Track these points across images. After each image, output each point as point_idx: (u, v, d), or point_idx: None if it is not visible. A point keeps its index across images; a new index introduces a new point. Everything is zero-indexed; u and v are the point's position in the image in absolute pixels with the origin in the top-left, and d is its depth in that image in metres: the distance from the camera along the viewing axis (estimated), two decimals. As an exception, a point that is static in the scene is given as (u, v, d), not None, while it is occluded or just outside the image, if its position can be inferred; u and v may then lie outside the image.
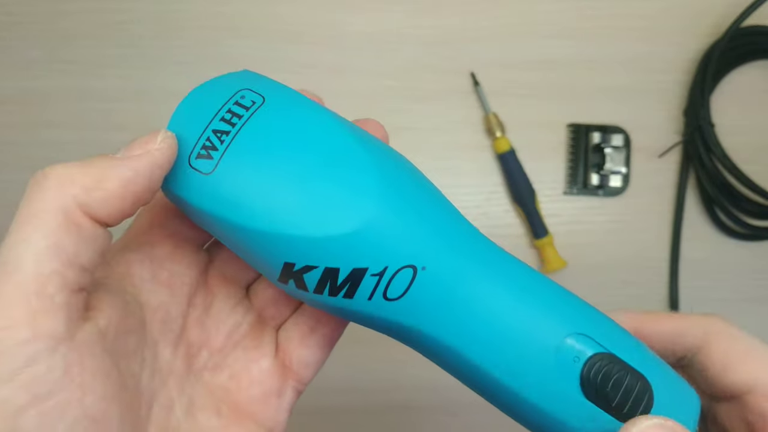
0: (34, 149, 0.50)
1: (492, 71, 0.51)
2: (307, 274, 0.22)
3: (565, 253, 0.50)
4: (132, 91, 0.51)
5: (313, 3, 0.52)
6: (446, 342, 0.23)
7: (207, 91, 0.23)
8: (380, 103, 0.51)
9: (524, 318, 0.22)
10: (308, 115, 0.23)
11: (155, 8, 0.51)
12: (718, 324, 0.25)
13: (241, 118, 0.22)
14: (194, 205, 0.22)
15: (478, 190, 0.51)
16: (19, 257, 0.18)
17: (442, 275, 0.22)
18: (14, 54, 0.51)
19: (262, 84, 0.23)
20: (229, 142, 0.21)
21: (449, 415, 0.48)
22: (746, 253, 0.51)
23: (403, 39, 0.51)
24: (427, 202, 0.22)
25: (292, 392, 0.26)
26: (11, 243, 0.18)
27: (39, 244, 0.18)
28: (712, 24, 0.51)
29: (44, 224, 0.18)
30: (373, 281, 0.21)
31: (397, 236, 0.21)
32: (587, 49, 0.52)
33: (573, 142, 0.51)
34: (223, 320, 0.26)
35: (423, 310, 0.22)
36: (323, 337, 0.26)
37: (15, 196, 0.20)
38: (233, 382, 0.25)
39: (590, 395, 0.22)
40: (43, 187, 0.19)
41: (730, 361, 0.24)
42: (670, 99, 0.52)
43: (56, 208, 0.18)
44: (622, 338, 0.23)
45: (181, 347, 0.24)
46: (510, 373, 0.22)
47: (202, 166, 0.21)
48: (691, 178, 0.51)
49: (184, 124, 0.22)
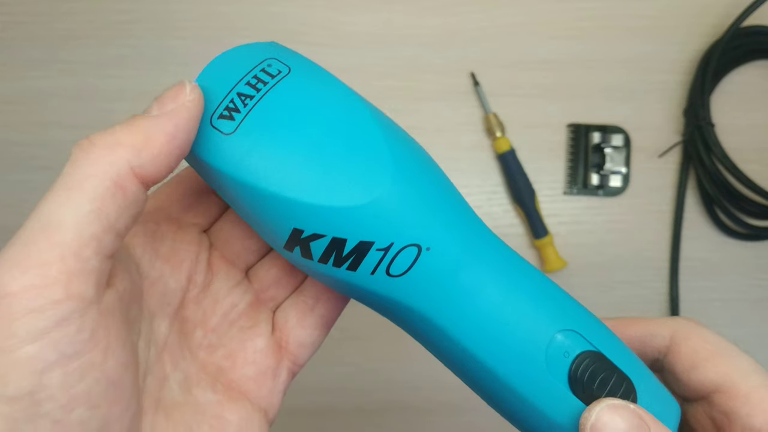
0: (34, 149, 0.50)
1: (492, 71, 0.51)
2: (314, 242, 0.22)
3: (565, 253, 0.50)
4: (132, 91, 0.51)
5: (313, 3, 0.52)
6: (440, 324, 0.23)
7: (235, 56, 0.23)
8: (380, 103, 0.51)
9: (520, 309, 0.23)
10: (332, 90, 0.23)
11: (155, 8, 0.51)
12: (686, 325, 0.25)
13: (266, 85, 0.22)
14: (211, 165, 0.22)
15: (478, 190, 0.51)
16: (61, 219, 0.18)
17: (446, 258, 0.22)
18: (14, 54, 0.51)
19: (289, 55, 0.24)
20: (252, 106, 0.22)
21: (449, 415, 0.48)
22: (746, 253, 0.51)
23: (403, 39, 0.51)
24: (437, 187, 0.23)
25: (287, 373, 0.26)
26: (54, 204, 0.18)
27: (83, 208, 0.18)
28: (712, 24, 0.51)
29: (92, 189, 0.18)
30: (378, 256, 0.22)
31: (406, 214, 0.22)
32: (587, 49, 0.52)
33: (573, 142, 0.51)
34: (221, 300, 0.26)
35: (422, 290, 0.22)
36: (320, 318, 0.27)
37: (15, 196, 0.20)
38: (228, 361, 0.25)
39: (577, 391, 0.22)
40: (90, 153, 0.19)
41: (697, 360, 0.24)
42: (670, 99, 0.52)
43: (105, 173, 0.19)
44: (611, 340, 0.24)
45: (176, 323, 0.25)
46: (500, 361, 0.23)
47: (223, 126, 0.22)
48: (691, 178, 0.51)
49: (210, 84, 0.23)
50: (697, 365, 0.24)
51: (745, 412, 0.23)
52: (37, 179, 0.50)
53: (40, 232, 0.18)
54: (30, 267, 0.17)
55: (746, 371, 0.24)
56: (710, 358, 0.24)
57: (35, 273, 0.17)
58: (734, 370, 0.24)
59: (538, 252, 0.50)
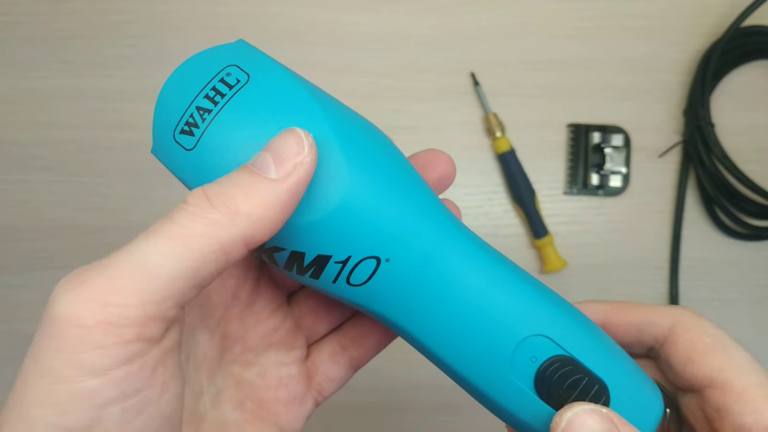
0: (34, 149, 0.50)
1: (492, 71, 0.51)
2: (276, 254, 0.22)
3: (565, 252, 0.50)
4: (132, 91, 0.51)
5: (313, 3, 0.52)
6: (406, 328, 0.23)
7: (198, 63, 0.23)
8: (380, 103, 0.51)
9: (484, 316, 0.23)
10: (289, 100, 0.22)
11: (155, 8, 0.51)
12: (686, 316, 0.25)
13: (224, 97, 0.22)
14: (178, 177, 0.23)
15: (478, 190, 0.51)
16: (156, 269, 0.18)
17: (407, 267, 0.22)
18: (14, 54, 0.51)
19: (251, 60, 0.23)
20: (210, 121, 0.22)
21: (449, 415, 0.48)
22: (746, 253, 0.51)
23: (403, 39, 0.51)
24: (397, 193, 0.22)
25: (311, 402, 0.27)
26: (154, 249, 0.18)
27: (182, 264, 0.18)
28: (712, 24, 0.51)
29: (198, 249, 0.18)
30: (336, 267, 0.22)
31: (362, 228, 0.22)
32: (587, 49, 0.52)
33: (573, 142, 0.51)
34: (263, 321, 0.26)
35: (385, 298, 0.23)
36: (351, 359, 0.27)
37: (15, 196, 0.20)
38: (261, 380, 0.26)
39: (543, 395, 0.22)
40: (206, 212, 0.19)
41: (693, 353, 0.24)
42: (670, 99, 0.52)
43: (217, 238, 0.19)
44: (587, 340, 0.23)
45: (216, 337, 0.25)
46: (466, 366, 0.23)
47: (184, 141, 0.22)
48: (691, 178, 0.51)
49: (174, 95, 0.23)
50: (693, 359, 0.24)
51: (736, 410, 0.23)
52: (37, 179, 0.50)
53: (131, 273, 0.18)
54: (110, 305, 0.17)
55: (742, 368, 0.23)
56: (707, 352, 0.24)
57: (113, 312, 0.17)
58: (730, 366, 0.23)
59: (538, 252, 0.50)
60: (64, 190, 0.50)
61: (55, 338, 0.17)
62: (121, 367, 0.17)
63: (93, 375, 0.17)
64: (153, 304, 0.18)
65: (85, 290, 0.17)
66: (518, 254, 0.50)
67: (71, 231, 0.50)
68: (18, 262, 0.49)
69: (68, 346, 0.17)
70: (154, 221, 0.23)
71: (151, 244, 0.18)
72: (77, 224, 0.50)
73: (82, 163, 0.50)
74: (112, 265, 0.18)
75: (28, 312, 0.49)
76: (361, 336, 0.27)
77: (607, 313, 0.26)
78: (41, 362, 0.17)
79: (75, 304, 0.17)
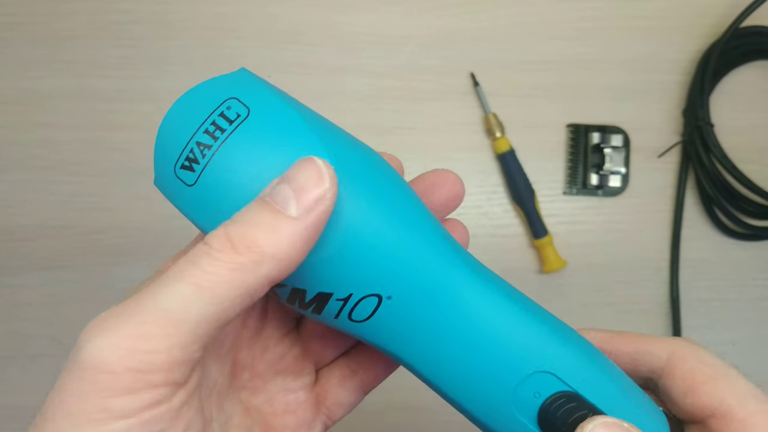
0: (34, 149, 0.50)
1: (492, 71, 0.51)
2: (278, 290, 0.22)
3: (564, 252, 0.50)
4: (132, 91, 0.51)
5: (313, 3, 0.52)
6: (409, 362, 0.23)
7: (199, 95, 0.23)
8: (380, 103, 0.51)
9: (485, 353, 0.23)
10: (289, 135, 0.22)
11: (155, 8, 0.51)
12: (684, 346, 0.25)
13: (224, 132, 0.22)
14: (180, 211, 0.22)
15: (478, 190, 0.51)
16: (182, 315, 0.18)
17: (409, 305, 0.22)
18: (14, 54, 0.51)
19: (252, 92, 0.23)
20: (210, 157, 0.21)
21: (449, 415, 0.48)
22: (746, 253, 0.51)
23: (403, 39, 0.52)
24: (400, 228, 0.22)
25: (320, 427, 0.27)
26: (179, 295, 0.18)
27: (208, 309, 0.18)
28: (711, 24, 0.51)
29: (224, 293, 0.18)
30: (338, 305, 0.22)
31: (363, 267, 0.21)
32: (587, 49, 0.52)
33: (572, 143, 0.51)
34: (270, 348, 0.26)
35: (388, 333, 0.23)
36: (361, 383, 0.27)
37: (15, 196, 0.20)
38: (269, 407, 0.26)
39: (547, 430, 0.22)
40: (232, 257, 0.19)
41: (693, 384, 0.24)
42: (669, 99, 0.52)
43: (243, 283, 0.18)
44: (592, 374, 0.23)
45: (226, 365, 0.25)
46: (468, 400, 0.23)
47: (185, 176, 0.22)
48: (690, 178, 0.51)
49: (174, 129, 0.22)
50: (693, 389, 0.24)
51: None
52: (37, 179, 0.50)
53: (159, 320, 0.18)
54: (139, 352, 0.18)
55: (743, 396, 0.23)
56: (707, 381, 0.24)
57: (141, 359, 0.18)
58: (731, 394, 0.23)
59: (538, 252, 0.50)
60: (64, 190, 0.50)
61: (85, 382, 0.17)
62: (148, 410, 0.18)
63: (122, 417, 0.17)
64: (180, 349, 0.18)
65: (114, 336, 0.18)
66: (518, 254, 0.51)
67: (71, 231, 0.50)
68: (18, 262, 0.49)
69: (98, 391, 0.17)
70: (154, 221, 0.23)
71: (177, 290, 0.18)
72: (77, 224, 0.50)
73: (82, 163, 0.50)
74: (138, 312, 0.18)
75: (28, 312, 0.49)
76: (371, 360, 0.27)
77: (603, 342, 0.26)
78: (69, 404, 0.18)
79: (104, 350, 0.17)
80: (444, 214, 0.27)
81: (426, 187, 0.26)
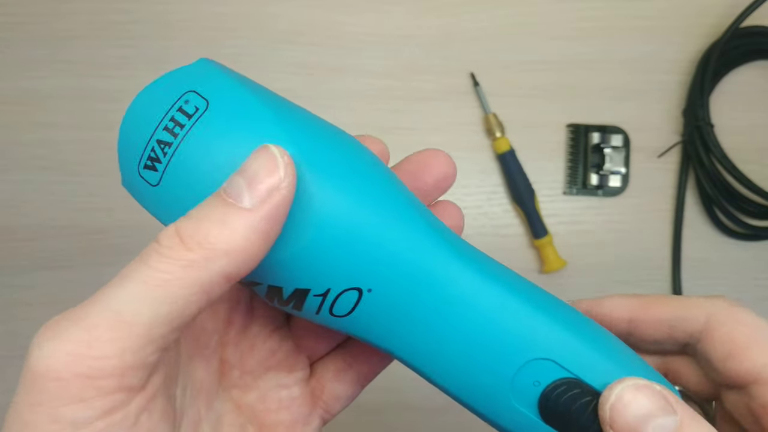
0: (35, 149, 0.50)
1: (492, 71, 0.51)
2: (256, 287, 0.21)
3: (564, 252, 0.50)
4: (132, 91, 0.50)
5: (313, 3, 0.52)
6: (399, 355, 0.22)
7: (156, 91, 0.22)
8: (380, 103, 0.51)
9: (476, 343, 0.21)
10: (250, 124, 0.21)
11: (155, 8, 0.51)
12: (721, 307, 0.23)
13: (183, 128, 0.21)
14: (149, 211, 0.22)
15: (478, 190, 0.51)
16: (134, 317, 0.17)
17: (391, 296, 0.21)
18: (14, 54, 0.51)
19: (211, 83, 0.22)
20: (171, 155, 0.20)
21: (449, 415, 0.48)
22: (746, 253, 0.51)
23: (403, 39, 0.52)
24: (377, 217, 0.21)
25: (318, 421, 0.26)
26: (130, 297, 0.17)
27: (161, 310, 0.17)
28: (711, 24, 0.51)
29: (177, 292, 0.17)
30: (317, 300, 0.21)
31: (338, 260, 0.20)
32: (587, 49, 0.52)
33: (572, 142, 0.51)
34: (260, 345, 0.25)
35: (373, 327, 0.22)
36: (358, 375, 0.26)
37: (15, 196, 0.20)
38: (261, 404, 0.25)
39: (548, 419, 0.21)
40: (181, 255, 0.18)
41: (733, 348, 0.22)
42: (669, 99, 0.52)
43: (196, 280, 0.18)
44: (596, 358, 0.21)
45: (213, 363, 0.24)
46: (464, 391, 0.22)
47: (149, 177, 0.21)
48: (690, 178, 0.51)
49: (134, 128, 0.21)
50: (733, 354, 0.22)
51: None
52: (37, 179, 0.50)
53: (107, 323, 0.17)
54: (88, 358, 0.17)
55: None
56: (748, 346, 0.22)
57: (92, 365, 0.17)
58: None
59: (538, 252, 0.50)
60: (64, 190, 0.50)
61: (34, 392, 0.17)
62: (102, 419, 0.17)
63: (74, 428, 0.17)
64: (132, 353, 0.17)
65: (62, 342, 0.17)
66: (518, 254, 0.51)
67: (71, 231, 0.50)
68: (18, 262, 0.50)
69: (47, 401, 0.17)
70: (154, 222, 0.23)
71: (127, 291, 0.17)
72: (77, 224, 0.50)
73: (82, 163, 0.50)
74: (88, 315, 0.17)
75: (28, 312, 0.49)
76: (367, 352, 0.26)
77: (633, 310, 0.24)
78: (21, 415, 0.17)
79: (52, 358, 0.17)
80: (435, 196, 0.25)
81: (414, 169, 0.25)
